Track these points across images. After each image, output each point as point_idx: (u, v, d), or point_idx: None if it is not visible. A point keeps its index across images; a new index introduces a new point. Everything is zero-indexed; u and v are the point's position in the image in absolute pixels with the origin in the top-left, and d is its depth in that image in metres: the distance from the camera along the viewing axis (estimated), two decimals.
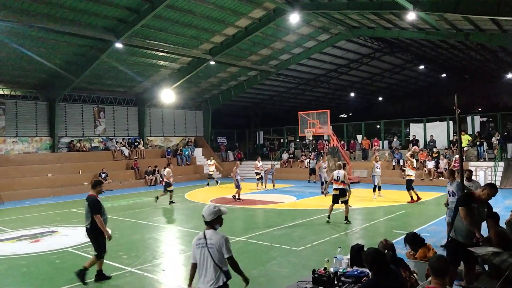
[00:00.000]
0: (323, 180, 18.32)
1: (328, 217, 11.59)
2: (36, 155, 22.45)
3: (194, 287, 4.44)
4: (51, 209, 16.16)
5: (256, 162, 21.41)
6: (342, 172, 11.69)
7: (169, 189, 16.28)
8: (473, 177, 20.07)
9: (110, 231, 7.21)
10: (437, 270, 3.47)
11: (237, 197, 16.84)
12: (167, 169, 16.81)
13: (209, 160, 23.88)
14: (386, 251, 4.90)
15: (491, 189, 5.46)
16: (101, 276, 7.08)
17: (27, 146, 22.51)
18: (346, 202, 11.56)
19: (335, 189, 11.66)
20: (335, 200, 11.62)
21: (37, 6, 15.07)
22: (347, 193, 11.61)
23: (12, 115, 22.00)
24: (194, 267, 4.38)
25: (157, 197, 16.18)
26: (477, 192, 5.54)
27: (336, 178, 11.67)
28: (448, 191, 8.47)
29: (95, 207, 6.94)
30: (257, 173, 21.06)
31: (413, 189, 15.02)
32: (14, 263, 8.44)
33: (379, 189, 16.42)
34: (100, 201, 7.19)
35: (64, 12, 15.78)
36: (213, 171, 23.44)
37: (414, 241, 5.90)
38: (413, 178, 15.21)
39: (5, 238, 10.88)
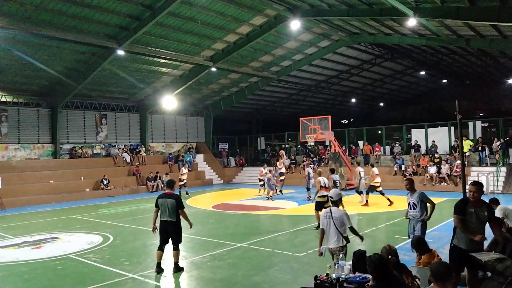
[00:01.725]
0: (309, 186, 18.47)
1: (319, 225, 11.39)
2: (38, 162, 22.49)
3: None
4: (53, 215, 16.14)
5: (262, 168, 21.34)
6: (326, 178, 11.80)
7: (282, 178, 19.84)
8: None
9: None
10: (436, 276, 3.58)
11: (268, 195, 18.77)
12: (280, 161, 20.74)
13: (183, 168, 22.09)
14: (390, 257, 4.88)
15: (473, 185, 5.40)
16: (179, 268, 7.82)
17: (29, 153, 22.56)
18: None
19: (324, 196, 11.15)
20: (320, 207, 11.17)
21: (39, 14, 15.19)
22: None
23: (14, 122, 22.07)
24: (323, 232, 6.23)
25: (280, 191, 19.73)
26: (468, 196, 5.48)
27: (323, 185, 11.46)
28: (408, 203, 7.51)
29: (182, 203, 7.79)
30: (260, 179, 20.98)
31: (367, 193, 15.73)
32: (15, 270, 8.43)
33: (360, 194, 16.73)
34: None
35: (66, 19, 15.90)
36: (185, 179, 21.41)
37: (419, 246, 5.88)
38: (378, 184, 15.68)
39: (6, 244, 10.86)
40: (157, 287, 7.18)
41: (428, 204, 7.40)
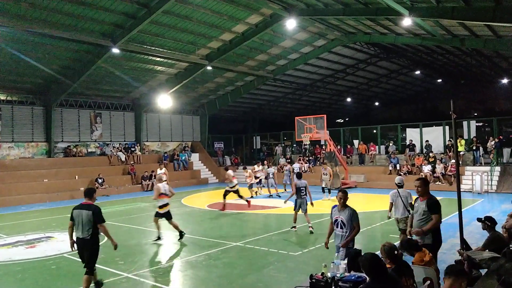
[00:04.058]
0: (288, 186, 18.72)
1: (158, 237, 10.47)
2: (32, 161, 22.34)
3: None
4: (47, 214, 16.04)
5: (255, 166, 21.25)
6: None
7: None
8: (469, 182, 20.09)
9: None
10: (450, 272, 3.71)
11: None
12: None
13: (158, 169, 19.79)
14: (396, 252, 4.89)
15: (417, 181, 5.92)
16: (99, 285, 6.86)
17: (23, 152, 22.41)
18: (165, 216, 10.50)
19: (164, 205, 10.46)
20: (160, 215, 10.46)
21: (34, 12, 15.08)
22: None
23: (8, 120, 21.91)
24: (391, 206, 8.53)
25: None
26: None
27: (163, 192, 10.46)
28: (335, 220, 6.17)
29: (101, 216, 6.38)
30: (256, 177, 20.92)
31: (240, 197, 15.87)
32: (9, 269, 8.37)
33: (329, 192, 17.91)
34: None
35: (61, 17, 15.79)
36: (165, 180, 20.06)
37: (410, 246, 5.91)
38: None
39: (0, 244, 10.79)
40: (153, 286, 7.15)
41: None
